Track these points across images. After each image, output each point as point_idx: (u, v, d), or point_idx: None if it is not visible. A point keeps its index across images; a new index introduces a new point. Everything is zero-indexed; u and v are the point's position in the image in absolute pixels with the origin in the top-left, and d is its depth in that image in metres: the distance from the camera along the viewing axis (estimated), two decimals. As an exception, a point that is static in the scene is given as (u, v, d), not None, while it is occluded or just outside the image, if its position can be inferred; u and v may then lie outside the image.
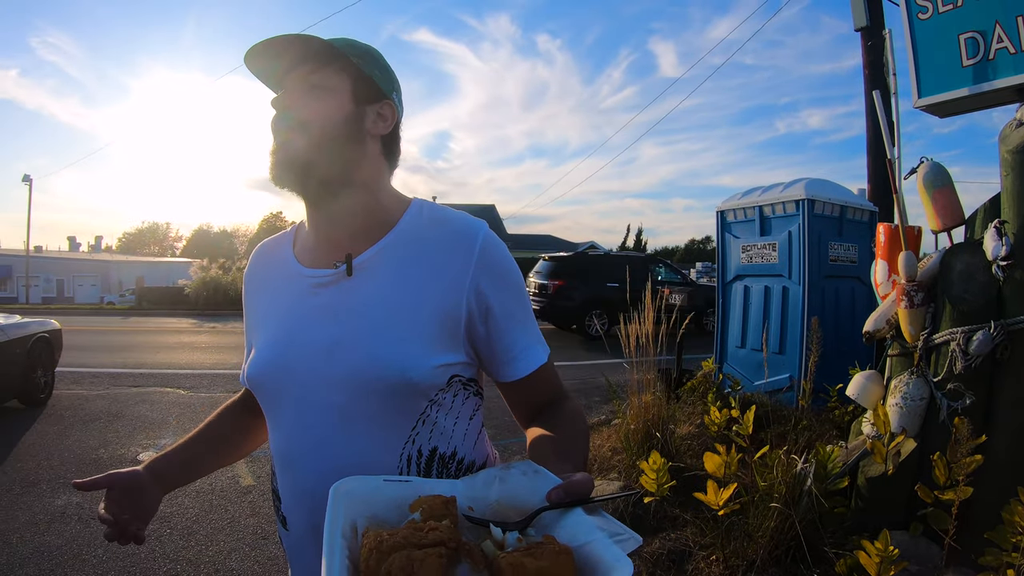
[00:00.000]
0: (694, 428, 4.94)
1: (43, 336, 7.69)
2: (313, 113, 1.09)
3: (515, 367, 1.15)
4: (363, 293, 1.09)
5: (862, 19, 6.68)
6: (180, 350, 12.92)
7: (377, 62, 1.17)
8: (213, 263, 29.19)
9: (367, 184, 1.15)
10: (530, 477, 0.89)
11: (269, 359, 1.12)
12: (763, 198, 6.11)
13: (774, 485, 2.91)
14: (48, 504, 4.43)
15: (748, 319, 6.31)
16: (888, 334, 3.20)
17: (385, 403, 1.05)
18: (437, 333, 1.08)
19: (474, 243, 1.11)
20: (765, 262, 6.10)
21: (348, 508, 0.82)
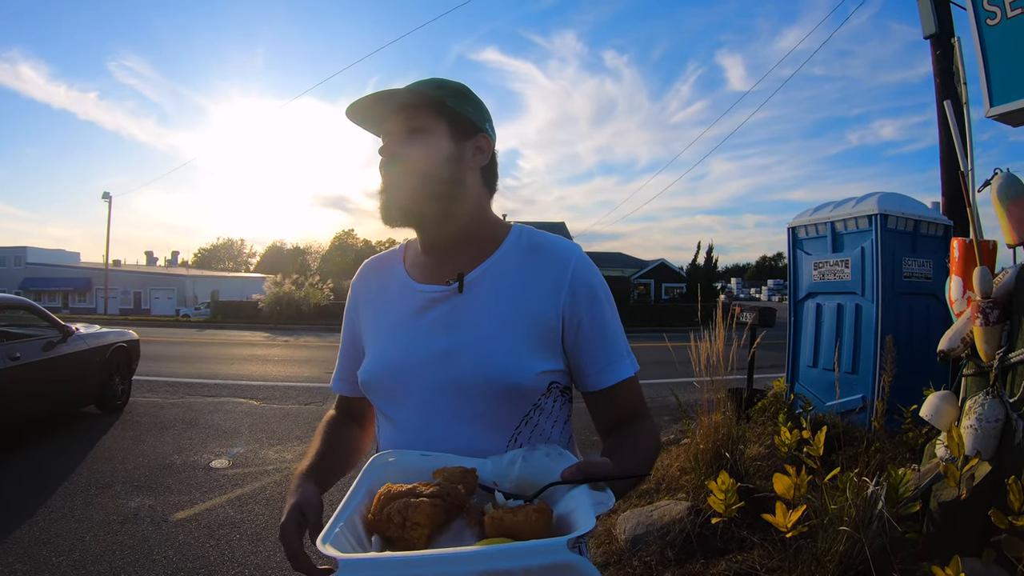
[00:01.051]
0: (764, 449, 4.85)
1: (121, 345, 8.03)
2: (416, 157, 1.20)
3: (601, 377, 1.25)
4: (473, 307, 1.22)
5: (931, 26, 6.48)
6: (253, 362, 13.31)
7: (468, 98, 1.27)
8: (286, 279, 29.98)
9: (471, 213, 1.27)
10: (552, 458, 1.00)
11: (388, 363, 1.26)
12: (835, 214, 5.97)
13: (844, 508, 2.84)
14: (121, 505, 4.60)
15: (820, 338, 6.16)
16: (963, 353, 3.09)
17: (493, 405, 1.18)
18: (538, 343, 1.20)
19: (568, 264, 1.24)
20: (837, 279, 5.95)
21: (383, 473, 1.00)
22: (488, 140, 1.28)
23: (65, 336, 6.91)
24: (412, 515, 0.88)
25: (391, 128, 1.24)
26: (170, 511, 4.51)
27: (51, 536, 4.04)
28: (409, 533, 0.88)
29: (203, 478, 5.30)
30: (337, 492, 1.11)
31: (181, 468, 5.55)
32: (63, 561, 3.70)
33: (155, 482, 5.15)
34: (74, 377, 7.04)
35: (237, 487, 5.10)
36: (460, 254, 1.27)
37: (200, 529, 4.21)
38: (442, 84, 1.25)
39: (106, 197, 41.59)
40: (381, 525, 0.91)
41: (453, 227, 1.26)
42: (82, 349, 7.16)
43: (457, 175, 1.23)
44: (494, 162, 1.32)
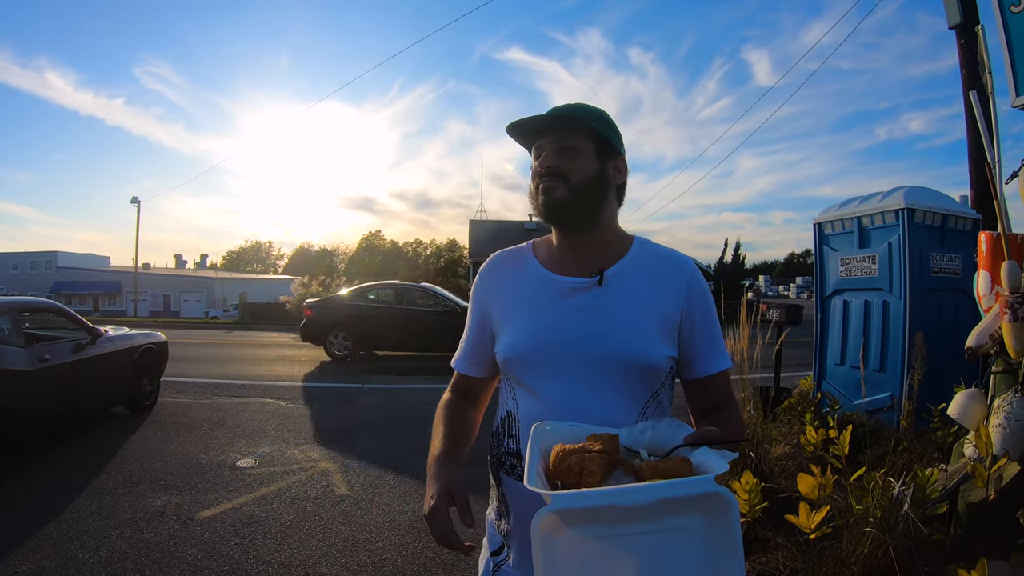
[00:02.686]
0: (790, 448, 4.79)
1: (149, 347, 8.09)
2: (570, 170, 1.42)
3: (706, 365, 1.48)
4: (611, 298, 1.43)
5: (956, 16, 6.34)
6: (280, 363, 13.38)
7: (610, 125, 1.49)
8: (314, 280, 30.18)
9: (607, 221, 1.50)
10: (674, 428, 1.23)
11: (534, 341, 1.44)
12: (861, 208, 5.88)
13: (869, 509, 2.79)
14: (148, 504, 4.64)
15: (848, 335, 6.07)
16: (992, 350, 3.03)
17: (629, 381, 1.40)
18: (665, 332, 1.43)
19: (686, 271, 1.49)
20: (864, 275, 5.86)
21: (547, 437, 1.23)
22: (625, 163, 1.52)
23: (94, 338, 6.96)
24: (588, 465, 1.10)
25: (547, 144, 1.45)
26: (196, 509, 4.54)
27: (79, 533, 4.08)
28: (586, 480, 1.09)
29: (229, 477, 5.34)
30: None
31: (208, 467, 5.59)
32: (89, 558, 3.74)
33: (182, 481, 5.19)
34: (103, 378, 7.11)
35: (263, 486, 5.13)
36: (596, 254, 1.48)
37: (225, 527, 4.23)
38: (589, 110, 1.47)
39: (135, 202, 42.18)
40: (562, 474, 1.12)
41: (594, 231, 1.48)
42: (111, 351, 7.23)
43: (602, 188, 1.46)
44: (625, 182, 1.54)
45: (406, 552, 3.95)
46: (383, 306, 14.77)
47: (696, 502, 0.98)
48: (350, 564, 3.77)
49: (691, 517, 0.98)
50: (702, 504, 0.98)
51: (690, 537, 0.98)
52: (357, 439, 6.85)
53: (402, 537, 4.17)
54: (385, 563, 3.80)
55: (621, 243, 1.53)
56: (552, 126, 1.45)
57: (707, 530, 0.98)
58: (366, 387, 10.38)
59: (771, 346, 5.80)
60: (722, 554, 0.98)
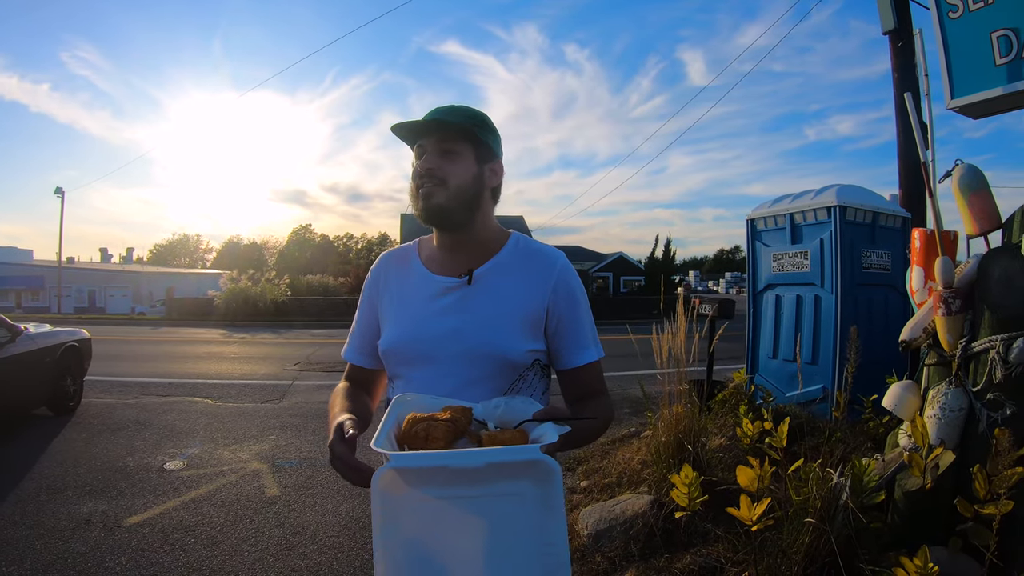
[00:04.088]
0: (726, 440, 4.85)
1: (72, 345, 7.78)
2: (451, 174, 1.51)
3: (570, 359, 1.59)
4: (478, 297, 1.55)
5: (890, 22, 6.56)
6: (209, 360, 13.08)
7: (489, 128, 1.58)
8: (243, 274, 29.54)
9: (483, 221, 1.61)
10: (526, 404, 1.35)
11: (410, 336, 1.57)
12: (794, 205, 6.00)
13: (809, 499, 2.82)
14: (74, 511, 4.45)
15: (780, 329, 6.19)
16: (925, 343, 3.10)
17: (490, 372, 1.51)
18: (528, 327, 1.55)
19: (554, 268, 1.59)
20: (797, 271, 5.98)
21: (405, 407, 1.32)
22: (501, 166, 1.63)
23: (13, 336, 6.73)
24: (433, 432, 1.20)
25: (429, 146, 1.52)
26: (123, 516, 4.36)
27: (0, 544, 3.88)
28: (430, 445, 1.18)
29: (157, 480, 5.15)
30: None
31: (134, 470, 5.39)
32: (13, 571, 3.56)
33: (108, 486, 4.98)
34: (24, 378, 6.82)
35: (192, 489, 4.96)
36: (470, 253, 1.59)
37: (154, 534, 4.07)
38: (472, 115, 1.55)
39: (59, 192, 40.66)
40: (409, 439, 1.21)
41: (470, 231, 1.58)
42: (31, 349, 6.94)
43: (478, 191, 1.56)
44: (500, 184, 1.64)
45: (342, 554, 3.86)
46: None
47: (524, 468, 1.08)
48: (284, 569, 3.66)
49: (521, 483, 1.09)
50: (530, 471, 1.08)
51: (520, 501, 1.09)
52: (287, 437, 6.71)
53: (337, 539, 4.07)
54: (321, 567, 3.71)
55: (496, 242, 1.64)
56: (435, 129, 1.52)
57: (537, 496, 1.09)
58: (296, 383, 10.15)
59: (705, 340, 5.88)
60: (549, 518, 1.09)
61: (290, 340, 18.72)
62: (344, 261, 69.00)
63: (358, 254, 78.63)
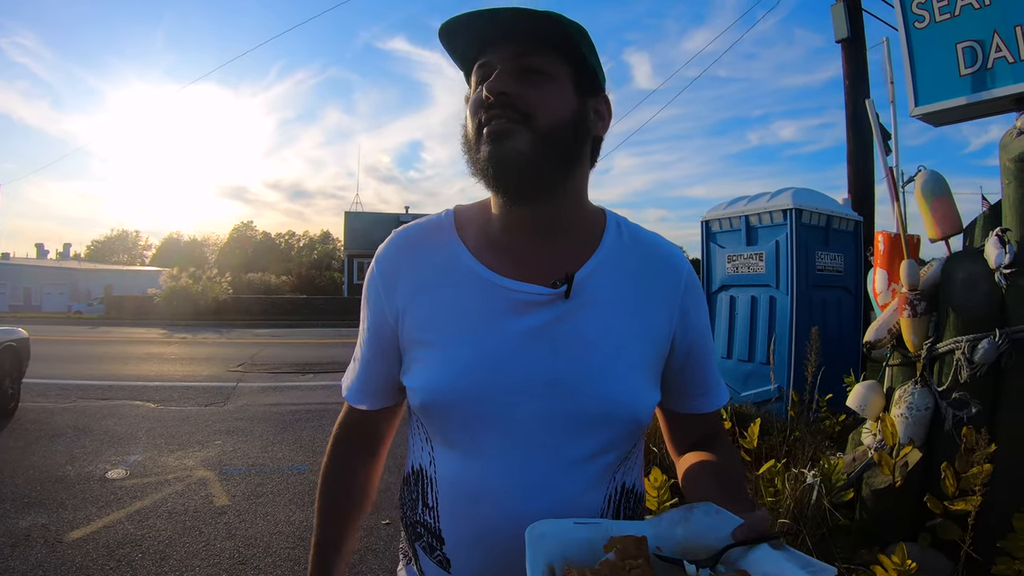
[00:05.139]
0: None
1: (10, 345, 7.41)
2: (538, 104, 0.93)
3: (706, 400, 1.11)
4: (584, 319, 0.97)
5: (843, 30, 6.74)
6: (149, 361, 12.67)
7: (594, 48, 0.99)
8: (183, 272, 28.93)
9: (578, 191, 1.02)
10: (712, 517, 0.89)
11: (467, 384, 0.96)
12: (749, 208, 6.11)
13: (781, 499, 2.86)
14: (12, 525, 4.21)
15: (734, 329, 6.29)
16: (889, 344, 3.17)
17: (605, 443, 0.98)
18: (653, 366, 1.02)
19: (681, 269, 1.07)
20: (752, 272, 6.09)
21: (544, 550, 0.84)
22: (609, 102, 1.04)
23: None
24: None
25: (500, 59, 0.95)
26: (65, 530, 4.15)
27: None
28: None
29: (99, 491, 4.92)
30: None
31: (75, 480, 5.15)
32: None
33: (48, 497, 4.74)
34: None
35: (136, 499, 4.75)
36: (558, 243, 1.01)
37: (99, 549, 3.87)
38: (567, 22, 0.92)
39: (-6, 185, 39.03)
40: None
41: (561, 206, 1.00)
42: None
43: (578, 137, 0.98)
44: (603, 136, 1.06)
45: (298, 567, 3.74)
46: None
47: None
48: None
49: None
50: None
51: None
52: (234, 442, 6.49)
53: (292, 550, 3.95)
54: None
55: (592, 225, 1.05)
56: (513, 30, 0.94)
57: None
58: (240, 385, 9.92)
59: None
60: None
61: (233, 340, 18.29)
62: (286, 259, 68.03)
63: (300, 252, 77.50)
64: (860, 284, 6.17)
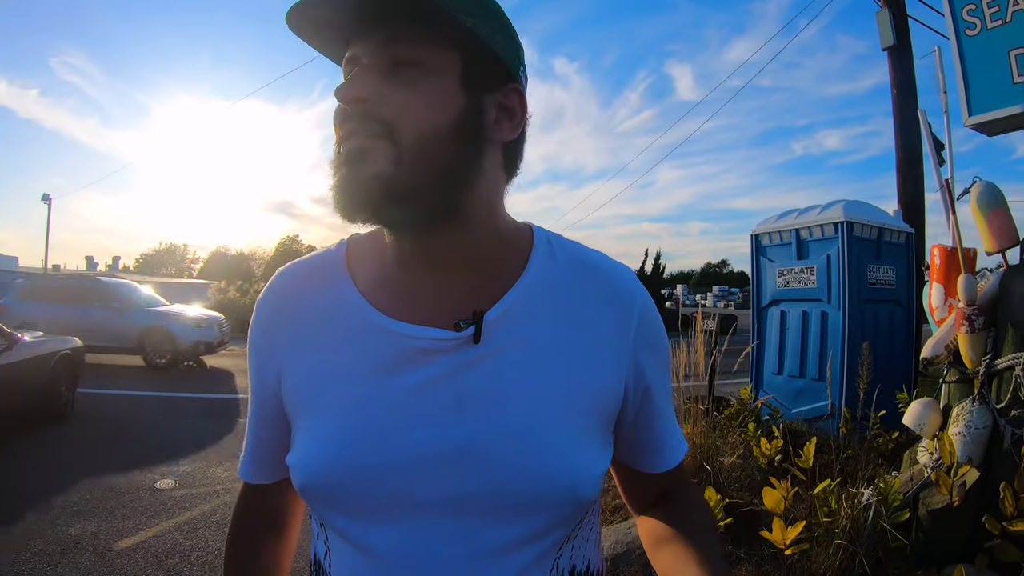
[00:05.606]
0: (738, 459, 4.83)
1: (66, 353, 7.65)
2: (403, 110, 0.70)
3: (663, 457, 0.89)
4: (499, 369, 0.75)
5: (889, 38, 6.62)
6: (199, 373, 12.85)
7: (499, 21, 0.75)
8: (231, 285, 29.46)
9: (483, 212, 0.78)
10: None
11: (350, 461, 0.74)
12: (799, 221, 6.03)
13: (837, 520, 2.81)
14: (62, 533, 4.31)
15: (785, 345, 6.20)
16: (946, 360, 3.10)
17: (538, 528, 0.75)
18: (599, 423, 0.80)
19: (633, 297, 0.83)
20: (803, 286, 6.00)
21: None
22: (522, 96, 0.79)
23: (10, 344, 6.61)
24: None
25: (364, 52, 0.72)
26: (114, 539, 4.23)
27: None
28: None
29: (148, 501, 5.02)
30: None
31: (124, 490, 5.25)
32: None
33: (97, 506, 4.85)
34: (20, 386, 6.74)
35: (185, 510, 4.84)
36: (467, 275, 0.79)
37: (147, 558, 3.94)
38: None
39: (45, 199, 40.40)
40: None
41: (458, 231, 0.77)
42: (27, 357, 6.82)
43: (472, 148, 0.74)
44: (524, 133, 0.82)
45: None
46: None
47: None
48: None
49: None
50: None
51: None
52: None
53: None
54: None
55: (512, 249, 0.83)
56: (375, 18, 0.71)
57: None
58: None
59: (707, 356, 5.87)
60: None
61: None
62: (332, 274, 68.78)
63: (345, 267, 78.40)
64: (912, 298, 6.05)
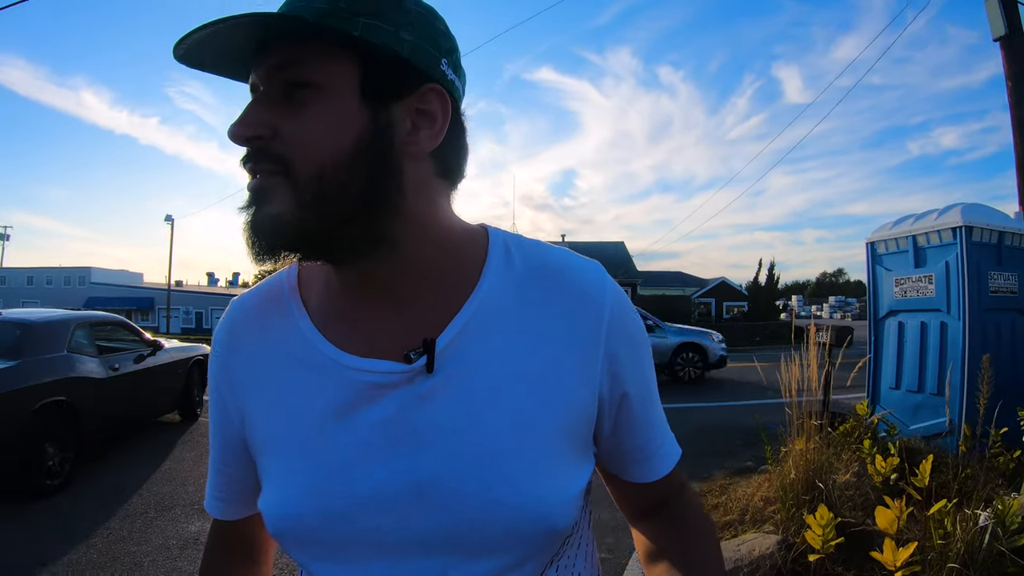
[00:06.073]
0: (851, 477, 4.69)
1: (199, 359, 8.73)
2: (296, 141, 0.65)
3: (651, 466, 0.83)
4: (456, 398, 0.70)
5: (1000, 28, 6.27)
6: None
7: (406, 16, 0.67)
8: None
9: (418, 230, 0.71)
10: None
11: (313, 505, 0.70)
12: (916, 227, 5.77)
13: (951, 543, 2.72)
14: (181, 529, 4.57)
15: (903, 358, 5.94)
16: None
17: (511, 559, 0.70)
18: (573, 442, 0.74)
19: (603, 299, 0.75)
20: (921, 296, 5.73)
21: None
22: (441, 96, 0.70)
23: (155, 350, 7.70)
24: None
25: (260, 79, 0.67)
26: None
27: (109, 559, 4.03)
28: None
29: (262, 503, 5.31)
30: None
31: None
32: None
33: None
34: (160, 387, 7.80)
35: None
36: (416, 299, 0.73)
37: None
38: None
39: (168, 220, 43.17)
40: None
41: (388, 257, 0.71)
42: (167, 362, 7.88)
43: (382, 169, 0.67)
44: (460, 132, 0.76)
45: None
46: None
47: None
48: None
49: None
50: None
51: None
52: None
53: None
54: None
55: (463, 262, 0.76)
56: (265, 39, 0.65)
57: None
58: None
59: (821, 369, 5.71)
60: None
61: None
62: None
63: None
64: (1036, 305, 5.67)
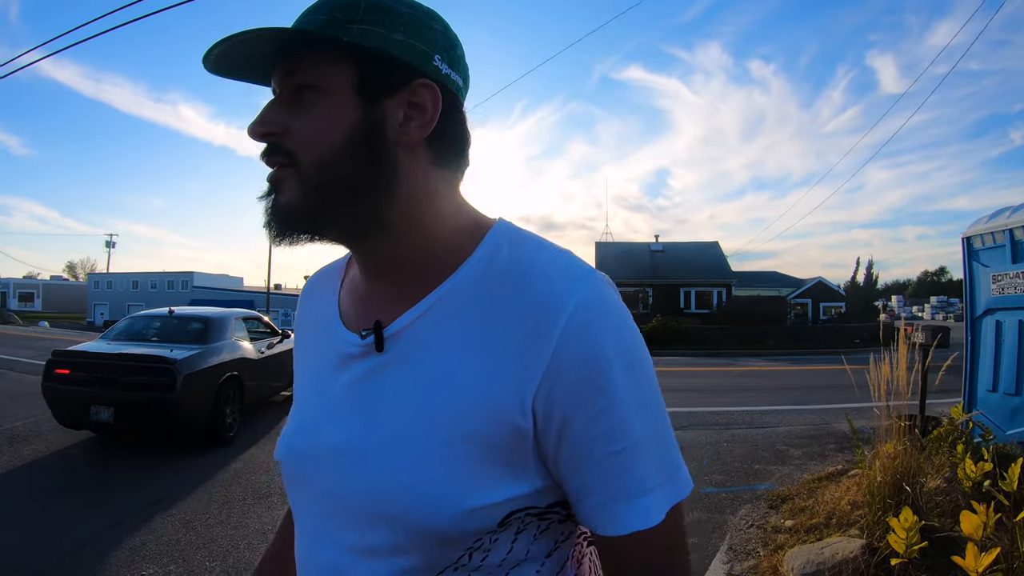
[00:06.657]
0: (942, 482, 4.54)
1: None
2: (301, 136, 0.73)
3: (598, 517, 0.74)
4: (395, 380, 0.75)
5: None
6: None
7: (398, 18, 0.73)
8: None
9: (413, 218, 0.77)
10: None
11: (290, 447, 0.84)
12: (1013, 220, 5.49)
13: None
14: (277, 517, 4.68)
15: (1000, 358, 5.66)
16: None
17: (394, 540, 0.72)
18: (482, 455, 0.71)
19: (558, 315, 0.70)
20: (1019, 292, 5.44)
21: None
22: (432, 91, 0.75)
23: (283, 338, 9.26)
24: None
25: (276, 83, 0.77)
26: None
27: (207, 541, 4.25)
28: None
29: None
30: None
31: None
32: (216, 566, 3.89)
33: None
34: (287, 370, 8.72)
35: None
36: (402, 283, 0.79)
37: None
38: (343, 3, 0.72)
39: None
40: None
41: (385, 242, 0.77)
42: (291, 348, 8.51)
43: (374, 158, 0.73)
44: (456, 122, 0.80)
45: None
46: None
47: None
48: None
49: None
50: None
51: None
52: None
53: None
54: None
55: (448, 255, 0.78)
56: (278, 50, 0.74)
57: None
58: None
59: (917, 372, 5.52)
60: None
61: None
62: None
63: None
64: None
